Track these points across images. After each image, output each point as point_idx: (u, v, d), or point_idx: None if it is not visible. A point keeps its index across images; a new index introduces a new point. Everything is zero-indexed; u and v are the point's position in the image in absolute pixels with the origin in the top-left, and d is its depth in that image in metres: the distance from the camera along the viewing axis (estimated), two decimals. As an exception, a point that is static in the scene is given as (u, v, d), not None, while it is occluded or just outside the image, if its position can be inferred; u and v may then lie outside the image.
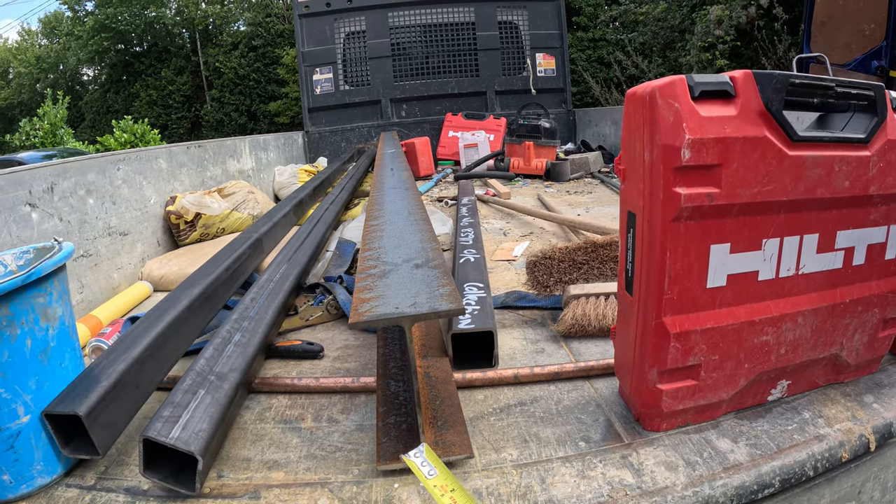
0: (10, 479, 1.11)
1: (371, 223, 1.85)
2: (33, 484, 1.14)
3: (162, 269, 2.65)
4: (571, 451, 1.19)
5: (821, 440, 1.18)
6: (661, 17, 12.27)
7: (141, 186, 2.91)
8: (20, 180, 2.05)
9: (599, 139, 6.32)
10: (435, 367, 1.49)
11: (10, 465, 1.10)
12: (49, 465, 1.16)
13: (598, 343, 1.70)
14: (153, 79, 24.61)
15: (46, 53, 30.36)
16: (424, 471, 1.05)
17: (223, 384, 1.31)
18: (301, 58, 6.78)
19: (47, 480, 1.16)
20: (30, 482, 1.14)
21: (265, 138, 5.36)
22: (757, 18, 9.68)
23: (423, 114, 7.00)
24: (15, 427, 1.10)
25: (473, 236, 2.57)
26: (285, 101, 20.27)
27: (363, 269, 1.35)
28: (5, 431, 1.09)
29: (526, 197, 4.27)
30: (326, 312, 2.03)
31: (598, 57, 15.31)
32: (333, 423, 1.36)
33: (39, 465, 1.14)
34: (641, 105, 1.11)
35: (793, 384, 1.32)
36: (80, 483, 1.18)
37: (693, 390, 1.19)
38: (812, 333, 1.25)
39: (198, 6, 23.86)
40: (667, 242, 1.09)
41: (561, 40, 7.00)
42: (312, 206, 3.54)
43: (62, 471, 1.19)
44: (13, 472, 1.11)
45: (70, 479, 1.19)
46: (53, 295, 1.18)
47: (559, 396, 1.41)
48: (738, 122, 1.08)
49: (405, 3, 6.82)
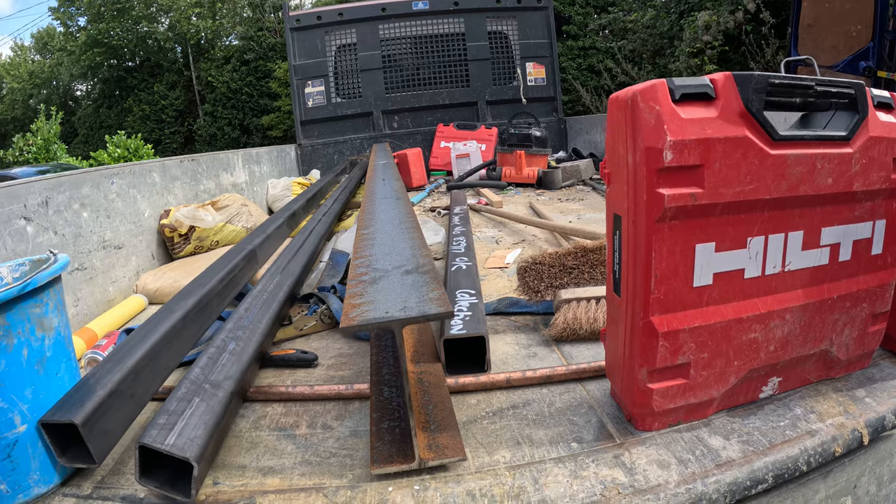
0: (6, 488, 1.11)
1: (362, 232, 1.86)
2: (30, 493, 1.15)
3: (157, 282, 2.66)
4: (564, 452, 1.20)
5: (813, 435, 1.19)
6: (649, 24, 12.35)
7: (135, 200, 2.92)
8: (15, 194, 2.06)
9: (591, 147, 6.35)
10: (428, 373, 1.50)
11: (7, 474, 1.11)
12: (46, 475, 1.16)
13: (589, 346, 1.71)
14: (146, 94, 24.72)
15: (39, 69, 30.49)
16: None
17: (218, 392, 1.32)
18: (293, 71, 6.80)
19: (44, 490, 1.16)
20: (27, 492, 1.14)
21: (258, 151, 5.37)
22: (745, 23, 9.75)
23: (415, 125, 7.03)
24: (12, 437, 1.11)
25: (465, 245, 2.58)
26: (278, 114, 20.33)
27: (354, 277, 1.37)
28: (2, 441, 1.10)
29: (518, 205, 4.28)
30: (320, 322, 2.04)
31: (589, 65, 15.39)
32: (328, 430, 1.37)
33: (36, 475, 1.15)
34: (624, 109, 1.13)
35: (784, 381, 1.33)
36: (76, 492, 1.18)
37: (683, 389, 1.21)
38: (801, 329, 1.27)
39: (190, 21, 23.92)
40: (652, 243, 1.11)
41: (551, 49, 7.05)
42: (306, 218, 3.55)
43: (59, 480, 1.19)
44: (10, 481, 1.12)
45: (67, 489, 1.19)
46: (49, 305, 1.19)
47: (551, 399, 1.42)
48: (719, 123, 1.10)
49: (395, 15, 6.86)
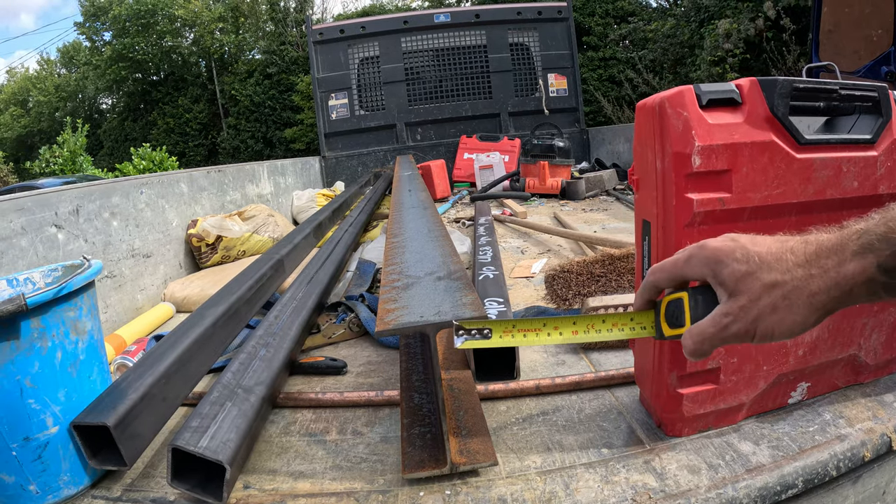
0: (36, 489, 1.13)
1: (392, 241, 1.88)
2: (59, 495, 1.16)
3: (184, 290, 2.69)
4: (594, 458, 1.20)
5: (842, 440, 1.18)
6: (670, 33, 12.34)
7: (163, 210, 2.97)
8: (46, 202, 2.11)
9: (613, 157, 6.34)
10: (458, 379, 1.51)
11: (37, 475, 1.13)
12: (76, 477, 1.18)
13: (617, 353, 1.71)
14: (170, 107, 25.08)
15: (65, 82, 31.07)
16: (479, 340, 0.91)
17: (249, 397, 1.33)
18: (316, 84, 6.88)
19: (74, 491, 1.18)
20: (56, 493, 1.16)
21: (283, 163, 5.43)
22: (765, 30, 9.72)
23: (438, 137, 7.07)
24: (43, 437, 1.13)
25: (492, 254, 2.59)
26: (301, 127, 20.52)
27: (387, 283, 1.38)
28: (33, 442, 1.11)
29: (542, 216, 4.29)
30: (349, 330, 2.05)
31: (609, 76, 15.41)
32: (358, 436, 1.37)
33: (66, 476, 1.16)
34: (651, 115, 1.13)
35: (812, 386, 1.32)
36: (106, 494, 1.19)
37: (713, 394, 1.20)
38: (829, 334, 1.26)
39: (213, 36, 24.27)
40: (682, 247, 1.11)
41: (572, 60, 7.06)
42: (331, 229, 3.58)
43: (88, 482, 1.21)
44: (40, 482, 1.13)
45: (96, 491, 1.21)
46: (83, 309, 1.21)
47: (580, 405, 1.42)
48: (746, 128, 1.10)
49: (418, 27, 6.92)
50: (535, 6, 7.15)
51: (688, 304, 0.81)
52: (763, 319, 0.73)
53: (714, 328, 0.75)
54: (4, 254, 1.90)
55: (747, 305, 0.73)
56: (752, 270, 0.73)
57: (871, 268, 0.68)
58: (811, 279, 0.71)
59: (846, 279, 0.69)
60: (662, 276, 0.84)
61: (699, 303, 0.80)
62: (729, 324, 0.74)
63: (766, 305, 0.72)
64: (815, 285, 0.70)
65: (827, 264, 0.70)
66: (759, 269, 0.73)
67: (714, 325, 0.76)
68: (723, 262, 0.75)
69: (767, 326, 0.73)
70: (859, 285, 0.69)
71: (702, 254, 0.78)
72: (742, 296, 0.73)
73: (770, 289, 0.72)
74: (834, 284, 0.70)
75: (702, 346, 0.77)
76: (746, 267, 0.74)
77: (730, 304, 0.74)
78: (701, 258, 0.78)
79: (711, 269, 0.77)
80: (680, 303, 0.83)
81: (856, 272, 0.68)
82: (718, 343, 0.76)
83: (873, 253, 0.68)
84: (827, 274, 0.70)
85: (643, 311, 0.89)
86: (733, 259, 0.75)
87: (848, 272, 0.69)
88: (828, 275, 0.70)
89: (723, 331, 0.75)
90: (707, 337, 0.76)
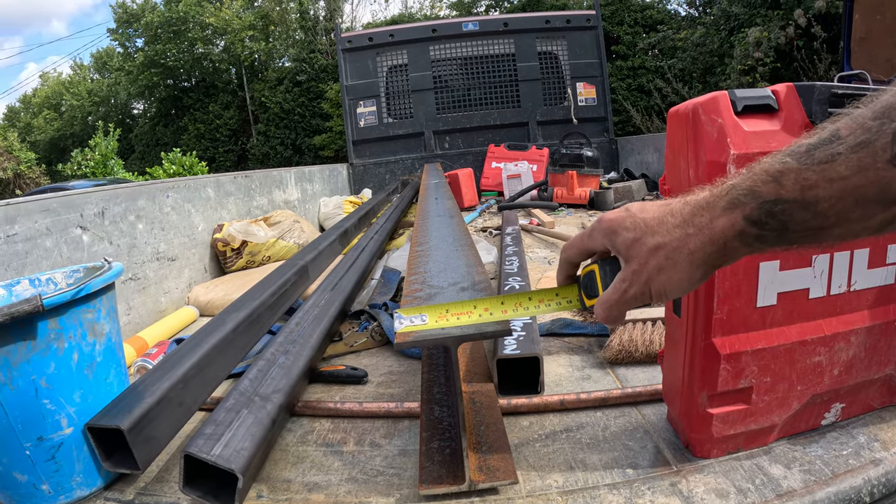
0: (49, 488, 1.13)
1: (416, 249, 1.85)
2: (72, 496, 1.16)
3: (208, 294, 2.69)
4: (619, 478, 1.15)
5: (877, 465, 1.12)
6: (699, 42, 12.22)
7: (189, 214, 2.98)
8: (72, 203, 2.12)
9: (642, 167, 6.27)
10: (480, 393, 1.47)
11: (50, 475, 1.12)
12: (89, 478, 1.17)
13: (645, 369, 1.66)
14: (201, 113, 25.41)
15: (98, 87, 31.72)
16: (417, 323, 0.98)
17: (266, 405, 1.31)
18: (345, 91, 6.90)
19: (86, 493, 1.17)
20: (69, 493, 1.15)
21: (310, 170, 5.44)
22: (796, 38, 9.57)
23: (466, 145, 7.05)
24: (57, 438, 1.12)
25: (518, 265, 2.55)
26: (329, 134, 20.64)
27: (409, 293, 1.35)
28: (47, 442, 1.11)
29: (570, 226, 4.24)
30: (371, 339, 2.03)
31: (638, 85, 15.29)
32: (376, 448, 1.35)
33: (79, 478, 1.16)
34: (685, 122, 1.09)
35: (847, 407, 1.26)
36: (119, 497, 1.19)
37: (744, 414, 1.15)
38: (866, 353, 1.21)
39: (243, 43, 24.56)
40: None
41: (601, 69, 7.01)
42: (357, 236, 3.57)
43: (101, 484, 1.20)
44: (53, 482, 1.13)
45: (109, 493, 1.20)
46: (102, 312, 1.20)
47: (606, 423, 1.38)
48: (783, 136, 1.05)
49: (446, 36, 6.92)
50: (563, 14, 7.12)
51: (598, 275, 0.88)
52: (653, 280, 0.78)
53: (616, 294, 0.81)
54: (29, 254, 1.91)
55: (638, 269, 0.79)
56: (638, 236, 0.78)
57: (739, 221, 0.71)
58: (688, 238, 0.75)
59: (718, 234, 0.73)
60: (573, 251, 0.91)
61: (608, 273, 0.86)
62: (627, 288, 0.80)
63: (654, 267, 0.77)
64: (693, 243, 0.75)
65: (701, 222, 0.74)
66: (645, 234, 0.78)
67: (615, 291, 0.81)
68: (616, 231, 0.81)
69: (658, 286, 0.78)
70: (731, 239, 0.72)
71: (600, 226, 0.84)
72: (634, 261, 0.79)
73: (654, 251, 0.77)
74: (709, 240, 0.74)
75: (609, 312, 0.83)
76: (634, 234, 0.79)
77: (625, 271, 0.80)
78: (600, 230, 0.84)
79: (609, 239, 0.82)
80: (592, 275, 0.90)
81: (725, 227, 0.72)
82: (623, 307, 0.82)
83: (740, 207, 0.71)
84: (702, 231, 0.74)
85: (565, 286, 0.95)
86: (624, 228, 0.80)
87: (718, 227, 0.73)
88: (702, 232, 0.74)
89: (623, 295, 0.81)
90: (613, 303, 0.82)
